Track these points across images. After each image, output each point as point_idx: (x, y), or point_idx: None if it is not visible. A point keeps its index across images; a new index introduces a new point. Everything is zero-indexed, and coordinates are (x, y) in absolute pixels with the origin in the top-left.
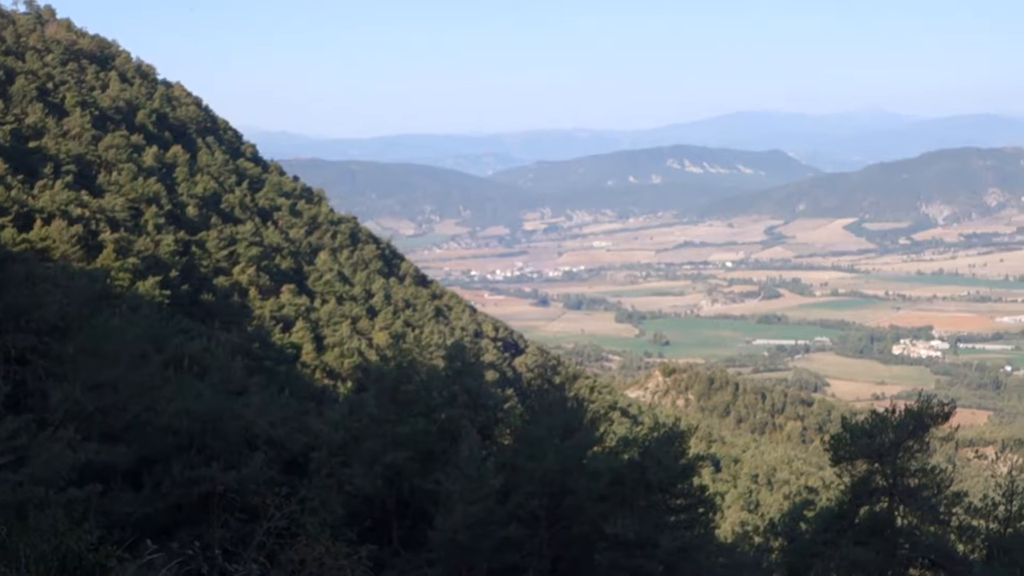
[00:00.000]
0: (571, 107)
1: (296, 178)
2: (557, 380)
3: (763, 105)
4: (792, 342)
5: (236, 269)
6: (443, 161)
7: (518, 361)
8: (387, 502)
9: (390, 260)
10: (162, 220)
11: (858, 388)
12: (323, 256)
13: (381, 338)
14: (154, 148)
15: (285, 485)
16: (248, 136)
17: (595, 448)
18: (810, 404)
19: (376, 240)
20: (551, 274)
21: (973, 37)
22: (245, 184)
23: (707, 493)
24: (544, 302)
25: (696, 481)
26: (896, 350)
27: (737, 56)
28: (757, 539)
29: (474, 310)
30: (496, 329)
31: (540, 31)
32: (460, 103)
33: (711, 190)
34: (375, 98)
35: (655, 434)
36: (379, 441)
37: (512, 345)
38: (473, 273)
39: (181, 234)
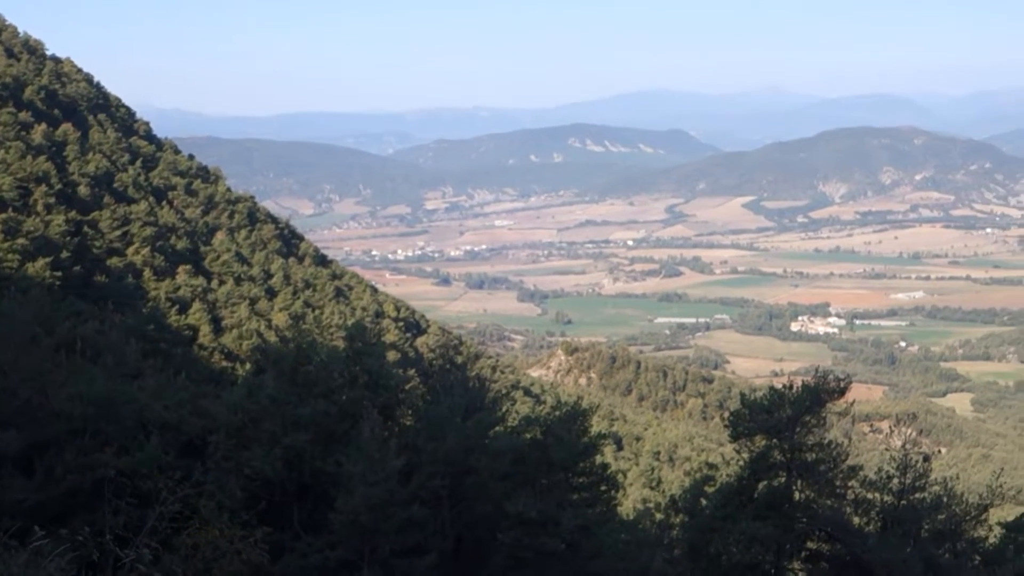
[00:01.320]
0: (472, 85)
1: (192, 157)
2: (459, 360)
3: (664, 84)
4: (693, 320)
5: (130, 250)
6: (343, 140)
7: (420, 341)
8: (287, 485)
9: (289, 240)
10: (52, 200)
11: (758, 365)
12: (220, 236)
13: (280, 319)
14: (43, 126)
15: (180, 469)
16: (142, 114)
17: (497, 428)
18: (711, 381)
19: (275, 220)
20: (453, 253)
21: (867, 18)
22: (139, 163)
23: (609, 471)
24: (446, 281)
25: (598, 459)
26: (794, 327)
27: (638, 35)
28: (659, 515)
29: (375, 290)
30: (398, 309)
31: (440, 8)
32: (360, 81)
33: (612, 169)
34: (273, 76)
35: (557, 413)
36: (278, 423)
37: (414, 325)
38: (374, 253)
39: (72, 214)
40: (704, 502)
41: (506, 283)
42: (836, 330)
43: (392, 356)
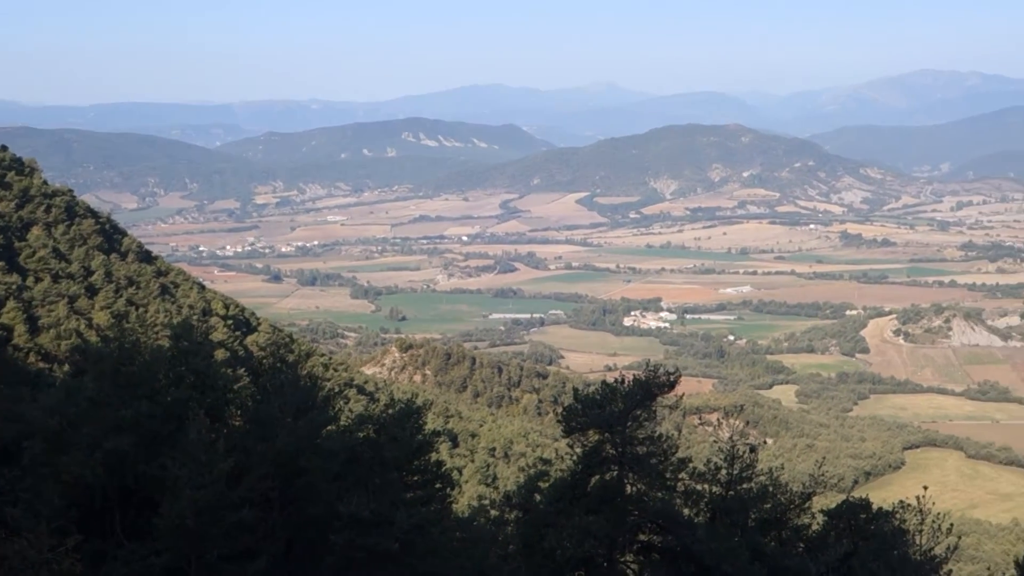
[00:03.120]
0: (303, 77)
1: (4, 147)
2: (290, 358)
3: (497, 79)
4: (528, 315)
5: None
6: (168, 131)
7: (250, 339)
8: (109, 490)
9: (111, 235)
10: None
11: (591, 359)
12: (36, 231)
13: (102, 318)
14: None
15: None
16: None
17: (330, 427)
18: (545, 377)
19: (95, 214)
20: (284, 249)
21: (695, 18)
22: None
23: (444, 468)
24: (277, 278)
25: (433, 457)
26: (627, 321)
27: (472, 29)
28: (494, 512)
29: (203, 287)
30: (227, 306)
31: None
32: (185, 70)
33: (447, 164)
34: (93, 62)
35: (391, 411)
36: (99, 426)
37: (244, 323)
38: (202, 248)
39: None
40: (538, 497)
41: (339, 279)
42: (668, 324)
43: (220, 355)
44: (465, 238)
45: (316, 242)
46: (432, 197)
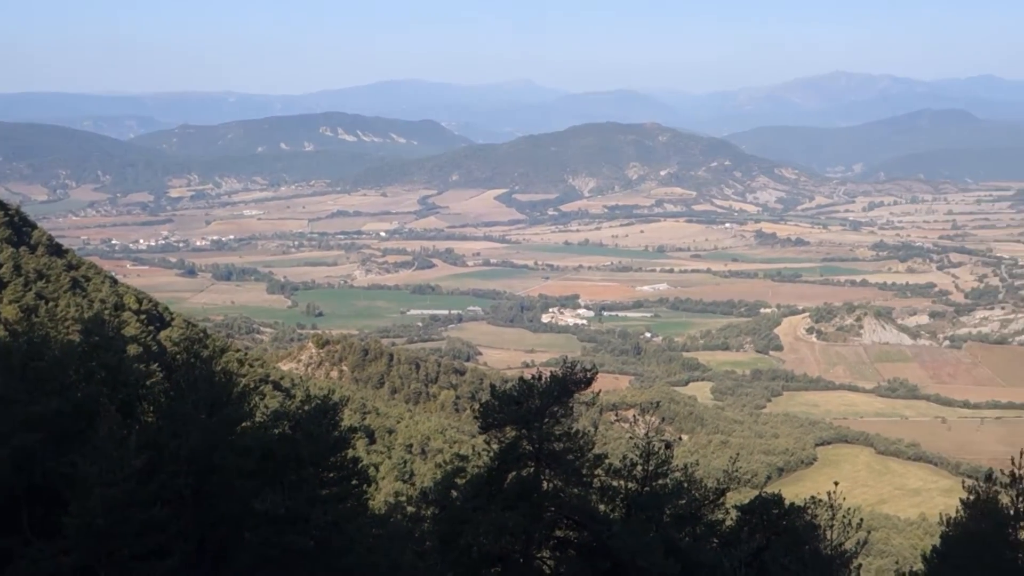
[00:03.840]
0: (219, 69)
1: None
2: (204, 354)
3: (415, 75)
4: (446, 312)
5: None
6: (79, 122)
7: (163, 335)
8: (16, 488)
9: (20, 228)
10: None
11: (509, 356)
12: None
13: (10, 312)
14: None
15: None
16: None
17: (244, 423)
18: (463, 373)
19: (3, 206)
20: (199, 243)
21: (615, 15)
22: None
23: (360, 465)
24: (192, 272)
25: (349, 453)
26: (545, 318)
27: (390, 24)
28: (410, 509)
29: (115, 281)
30: (139, 301)
31: None
32: (96, 60)
33: (365, 159)
34: None
35: (307, 407)
36: (7, 423)
37: (157, 318)
38: (114, 242)
39: None
40: (455, 494)
41: (255, 274)
42: (585, 321)
43: (133, 350)
44: (383, 234)
45: (232, 236)
46: (350, 192)
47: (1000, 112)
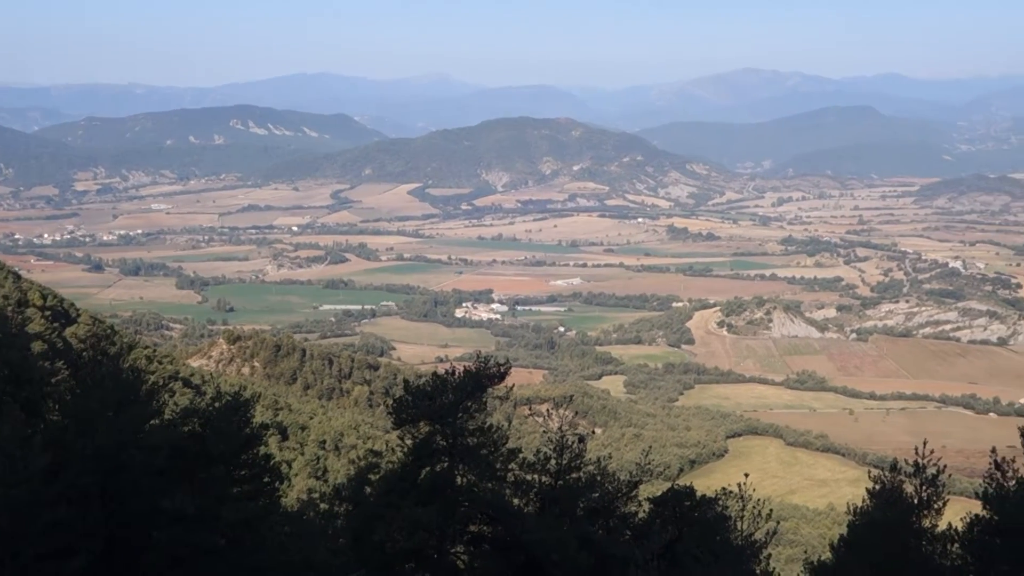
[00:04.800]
0: (127, 61)
1: None
2: (111, 351)
3: (327, 68)
4: (359, 307)
5: None
6: None
7: (69, 331)
8: None
9: None
10: None
11: (423, 351)
12: None
13: None
14: None
15: None
16: None
17: (153, 421)
18: (377, 368)
19: None
20: (106, 238)
21: (528, 10)
22: None
23: (272, 462)
24: (98, 267)
25: (261, 450)
26: (459, 313)
27: (298, 15)
28: (323, 505)
29: (18, 277)
30: (44, 297)
31: None
32: None
33: (276, 152)
34: None
35: (217, 404)
36: None
37: (62, 314)
38: (17, 236)
39: None
40: (368, 490)
41: (164, 270)
42: (499, 316)
43: (37, 347)
44: (295, 228)
45: (140, 231)
46: (261, 186)
47: (905, 109)
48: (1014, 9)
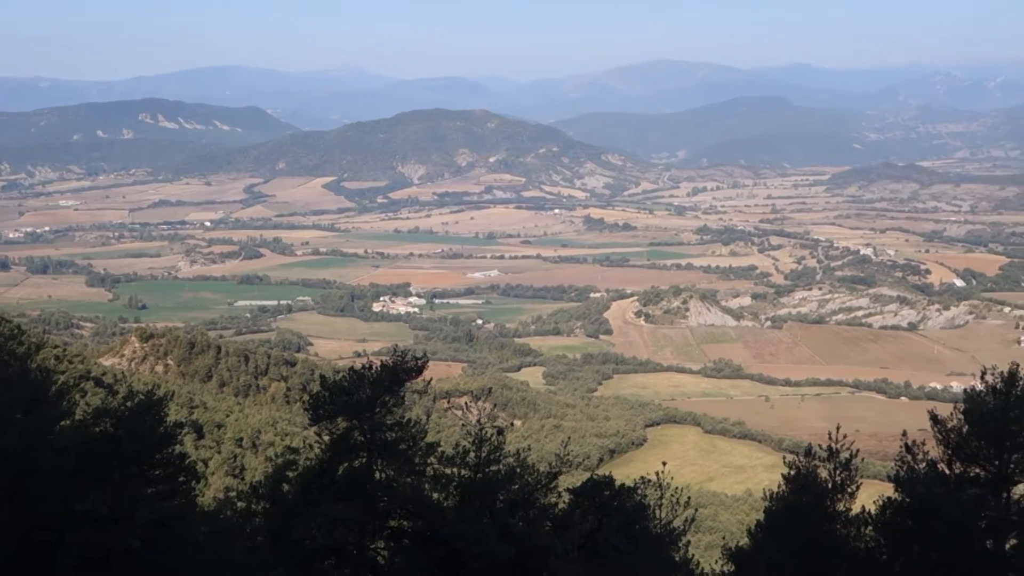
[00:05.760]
0: (30, 53)
1: None
2: (19, 351)
3: (238, 60)
4: (275, 302)
5: None
6: None
7: None
8: None
9: None
10: None
11: (341, 346)
12: None
13: None
14: None
15: None
16: None
17: (64, 422)
18: (294, 364)
19: None
20: (12, 236)
21: (439, 2)
22: None
23: (188, 461)
24: (4, 266)
25: (176, 449)
26: (376, 307)
27: (205, 7)
28: (240, 504)
29: None
30: None
31: None
32: None
33: (188, 147)
34: None
35: (130, 403)
36: None
37: None
38: None
39: None
40: (286, 487)
41: (73, 267)
42: (417, 310)
43: None
44: (208, 223)
45: (47, 228)
46: (173, 181)
47: (815, 99)
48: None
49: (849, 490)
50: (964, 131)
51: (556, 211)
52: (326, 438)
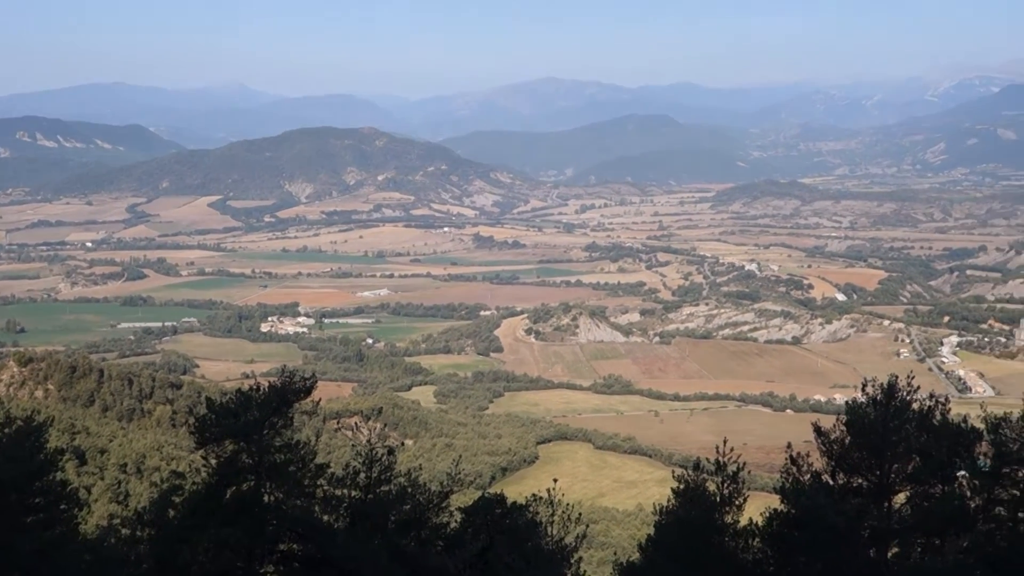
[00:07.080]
0: None
1: None
2: None
3: (120, 77)
4: (159, 324)
5: None
6: None
7: None
8: None
9: None
10: None
11: (228, 367)
12: None
13: None
14: None
15: None
16: None
17: None
18: (180, 387)
19: None
20: None
21: (325, 19)
22: None
23: (69, 488)
24: None
25: (57, 476)
26: (264, 327)
27: (87, 23)
28: (125, 531)
29: None
30: None
31: None
32: None
33: (68, 165)
34: None
35: (7, 430)
36: None
37: None
38: None
39: None
40: (172, 513)
41: None
42: (306, 329)
43: None
44: (90, 244)
45: None
46: (52, 201)
47: (700, 117)
48: (799, 19)
49: (737, 502)
50: (843, 149)
51: (446, 229)
52: (213, 461)
